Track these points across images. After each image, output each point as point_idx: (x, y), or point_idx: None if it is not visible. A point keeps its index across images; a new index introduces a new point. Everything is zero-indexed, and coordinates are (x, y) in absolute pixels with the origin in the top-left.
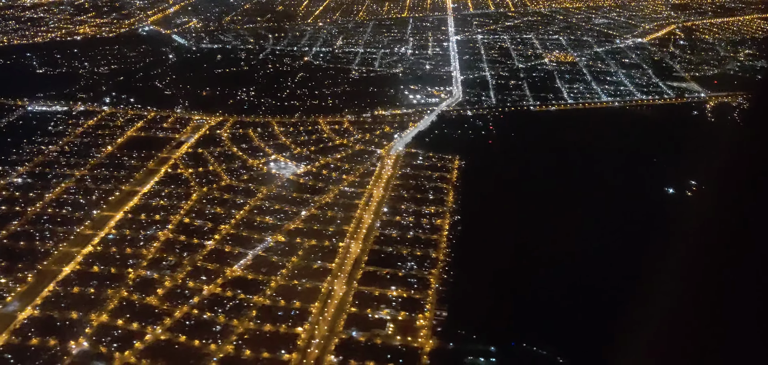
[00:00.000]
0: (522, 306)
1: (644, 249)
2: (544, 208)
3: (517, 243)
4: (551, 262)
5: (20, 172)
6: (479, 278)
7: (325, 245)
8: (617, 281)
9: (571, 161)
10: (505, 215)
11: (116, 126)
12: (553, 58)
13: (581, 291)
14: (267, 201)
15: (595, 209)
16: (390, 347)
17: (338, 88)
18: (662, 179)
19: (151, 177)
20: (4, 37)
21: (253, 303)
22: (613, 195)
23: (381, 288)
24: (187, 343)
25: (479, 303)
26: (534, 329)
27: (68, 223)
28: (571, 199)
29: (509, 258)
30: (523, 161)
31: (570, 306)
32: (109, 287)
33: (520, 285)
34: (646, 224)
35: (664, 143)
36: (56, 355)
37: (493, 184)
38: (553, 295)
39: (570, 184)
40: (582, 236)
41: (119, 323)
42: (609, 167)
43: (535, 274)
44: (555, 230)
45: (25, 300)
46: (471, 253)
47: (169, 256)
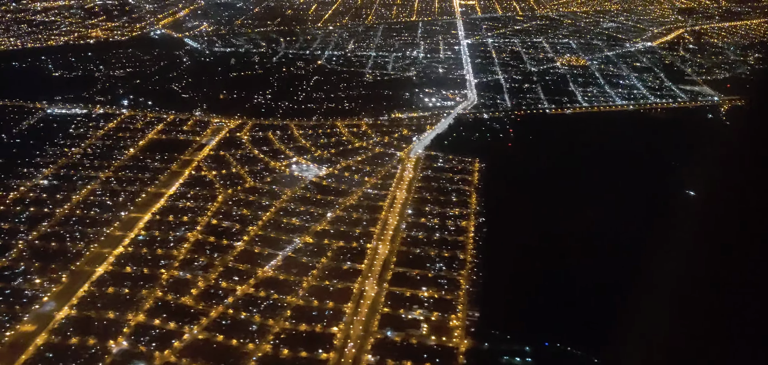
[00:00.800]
0: (552, 306)
1: (670, 251)
2: (567, 210)
3: (543, 244)
4: (578, 262)
5: (45, 174)
6: (508, 279)
7: (353, 246)
8: (644, 281)
9: (591, 163)
10: (529, 216)
11: (136, 129)
12: (564, 62)
13: (609, 290)
14: (292, 203)
15: (618, 211)
16: (425, 347)
17: (353, 92)
18: (682, 182)
19: (176, 179)
20: (18, 41)
21: (287, 303)
22: (636, 198)
23: (412, 288)
24: (225, 342)
25: (510, 304)
26: (566, 329)
27: (97, 224)
28: (594, 201)
29: (536, 259)
30: (543, 164)
31: (599, 305)
32: (143, 287)
33: (549, 285)
34: (669, 226)
35: (681, 147)
36: (96, 354)
37: (515, 186)
38: (583, 295)
39: (591, 186)
40: (607, 237)
41: (156, 322)
42: (629, 170)
43: (563, 275)
44: (580, 231)
45: (62, 300)
46: (498, 254)
47: (200, 257)
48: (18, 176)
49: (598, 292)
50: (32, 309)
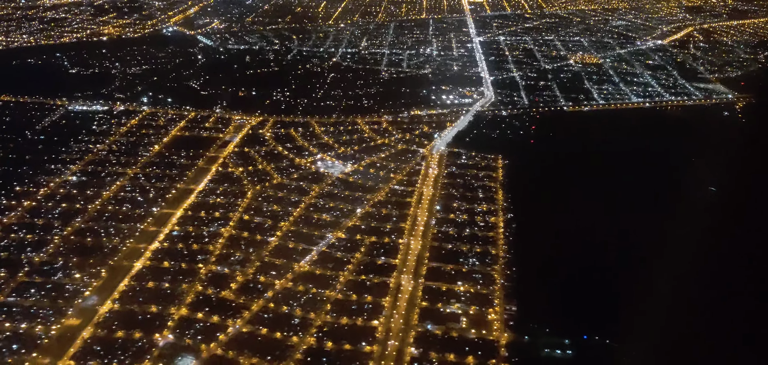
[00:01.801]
0: (586, 299)
1: (699, 249)
2: (594, 206)
3: (573, 239)
4: (608, 257)
5: (73, 170)
6: (541, 273)
7: (385, 241)
8: (676, 277)
9: (613, 160)
10: (556, 211)
11: (159, 126)
12: (577, 60)
13: (640, 284)
14: (321, 199)
15: (644, 207)
16: (466, 340)
17: (371, 89)
18: (706, 179)
19: (204, 176)
20: (31, 38)
21: (326, 297)
22: (661, 193)
23: (447, 283)
24: (269, 336)
25: (545, 298)
26: (600, 322)
27: (130, 220)
28: (619, 197)
29: (567, 253)
30: (565, 160)
31: (631, 298)
32: (183, 281)
33: (581, 279)
34: (696, 224)
35: (702, 144)
36: (143, 347)
37: (539, 182)
38: (614, 288)
39: (615, 182)
40: (636, 232)
41: (199, 316)
42: (652, 167)
43: (594, 269)
44: (607, 227)
45: (104, 294)
46: (529, 249)
47: (236, 252)
48: (46, 173)
49: (628, 285)
50: (75, 303)
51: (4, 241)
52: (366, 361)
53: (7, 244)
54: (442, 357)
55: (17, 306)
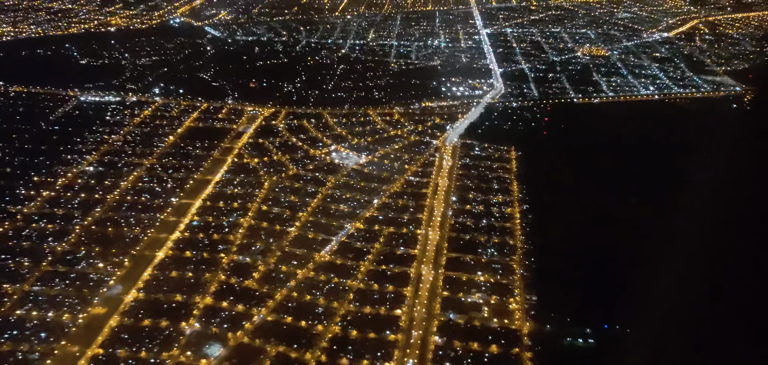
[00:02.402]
0: (605, 290)
1: (712, 238)
2: (608, 197)
3: (588, 230)
4: (624, 247)
5: (90, 161)
6: (559, 263)
7: (403, 232)
8: (692, 266)
9: (625, 151)
10: (571, 203)
11: (172, 116)
12: (585, 52)
13: (657, 274)
14: (337, 190)
15: (658, 198)
16: (489, 329)
17: (381, 81)
18: (717, 171)
19: (220, 166)
20: (39, 28)
21: (348, 286)
22: (673, 185)
23: (467, 273)
24: (294, 324)
25: (564, 288)
26: (619, 312)
27: (150, 210)
28: (632, 189)
29: (583, 244)
30: (578, 152)
31: (648, 288)
32: (206, 271)
33: (599, 270)
34: (709, 214)
35: (711, 135)
36: (171, 336)
37: (554, 173)
38: (632, 278)
39: (628, 174)
40: (650, 223)
41: (224, 305)
42: (663, 158)
43: (611, 259)
44: (622, 218)
45: (128, 283)
46: (546, 240)
47: (256, 242)
48: (63, 163)
49: (645, 275)
50: (101, 292)
51: (26, 231)
52: (391, 350)
53: (28, 233)
54: (465, 346)
55: (43, 295)
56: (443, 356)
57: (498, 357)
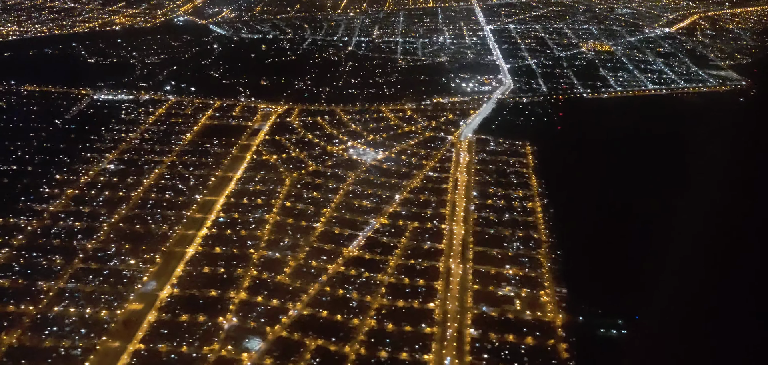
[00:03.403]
0: (632, 281)
1: (733, 227)
2: (626, 191)
3: (610, 223)
4: (647, 241)
5: (110, 159)
6: (585, 256)
7: (428, 227)
8: (711, 256)
9: (638, 145)
10: (591, 196)
11: (187, 114)
12: (590, 48)
13: (679, 265)
14: (359, 186)
15: (675, 191)
16: (523, 321)
17: (390, 77)
18: (732, 162)
19: (239, 164)
20: (43, 27)
21: (379, 280)
22: (688, 177)
23: (496, 266)
24: (330, 318)
25: (592, 280)
26: (647, 302)
27: (175, 207)
28: (648, 181)
29: (606, 236)
30: (592, 146)
31: (672, 280)
32: (237, 266)
33: (625, 262)
34: (727, 204)
35: (721, 128)
36: (210, 330)
37: (570, 168)
38: (656, 269)
39: (642, 167)
40: (668, 215)
41: (258, 299)
42: (675, 151)
43: (637, 253)
44: (642, 211)
45: (162, 279)
46: (570, 233)
47: (284, 238)
48: (83, 161)
49: (669, 266)
50: (135, 288)
51: (54, 228)
52: (428, 342)
53: (57, 231)
54: (501, 338)
55: (78, 292)
56: (480, 348)
57: (534, 349)
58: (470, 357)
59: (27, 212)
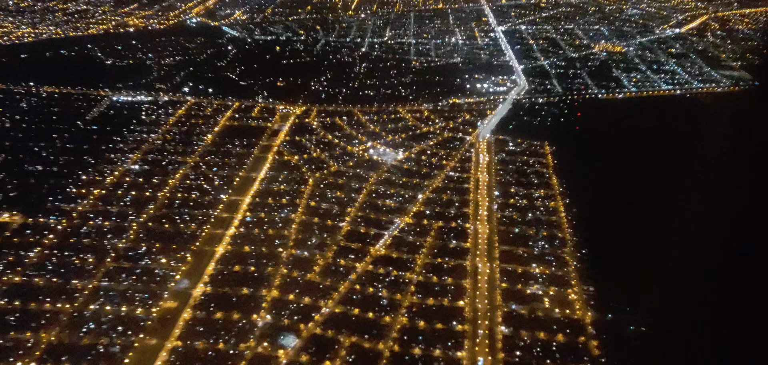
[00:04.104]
0: (657, 279)
1: (757, 225)
2: (646, 190)
3: (633, 222)
4: (672, 241)
5: (134, 159)
6: (610, 255)
7: (452, 226)
8: (734, 253)
9: (655, 145)
10: (612, 195)
11: (206, 115)
12: (602, 48)
13: (702, 263)
14: (381, 186)
15: (695, 189)
16: (552, 318)
17: (405, 78)
18: (749, 165)
19: (262, 164)
20: (58, 29)
21: (408, 279)
22: (709, 178)
23: (522, 265)
24: (362, 315)
25: (618, 278)
26: (676, 301)
27: (202, 207)
28: (669, 180)
29: (630, 234)
30: (610, 146)
31: (697, 277)
32: (267, 265)
33: (650, 260)
34: (748, 201)
35: (737, 127)
36: (245, 328)
37: (590, 167)
38: (681, 269)
39: (661, 166)
40: (693, 213)
41: (290, 297)
42: (691, 150)
43: (661, 251)
44: (664, 210)
45: (194, 278)
46: (593, 232)
47: (311, 237)
48: (107, 162)
49: (693, 264)
50: (169, 286)
51: (83, 228)
52: (460, 339)
53: (87, 231)
54: (532, 335)
55: (112, 290)
56: (513, 345)
57: (565, 346)
58: (503, 354)
59: (55, 211)
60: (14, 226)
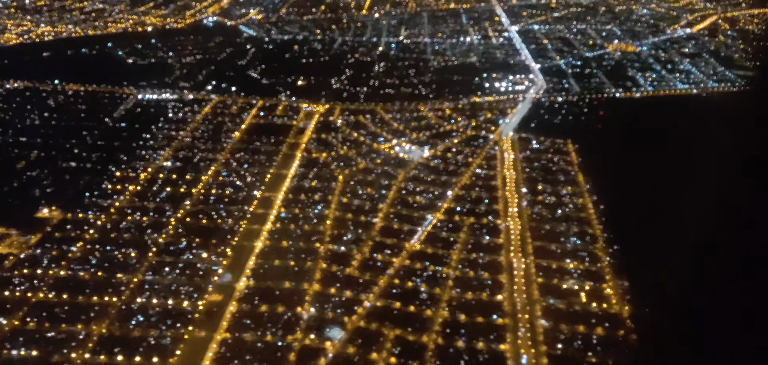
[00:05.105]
0: (691, 275)
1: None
2: (672, 187)
3: (662, 219)
4: (704, 239)
5: (165, 156)
6: (641, 251)
7: (483, 222)
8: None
9: (676, 144)
10: (639, 194)
11: (232, 113)
12: (616, 48)
13: (731, 259)
14: (410, 183)
15: (719, 187)
16: (590, 312)
17: (424, 77)
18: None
19: (291, 161)
20: (77, 27)
21: (445, 274)
22: (734, 175)
23: (556, 261)
24: (403, 309)
25: (652, 274)
26: (712, 298)
27: (236, 203)
28: (692, 178)
29: (661, 233)
30: (633, 144)
31: (737, 273)
32: (306, 259)
33: (681, 256)
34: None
35: (758, 127)
36: (290, 320)
37: (616, 166)
38: (714, 266)
39: (684, 165)
40: (720, 211)
41: (332, 291)
42: (711, 150)
43: (692, 247)
44: (692, 207)
45: (236, 272)
46: (624, 229)
47: (346, 232)
48: (139, 158)
49: (724, 260)
50: (212, 280)
51: (123, 223)
52: (502, 333)
53: (126, 226)
54: (572, 329)
55: (157, 284)
56: (554, 339)
57: (605, 339)
58: (545, 347)
59: (93, 207)
60: (54, 221)
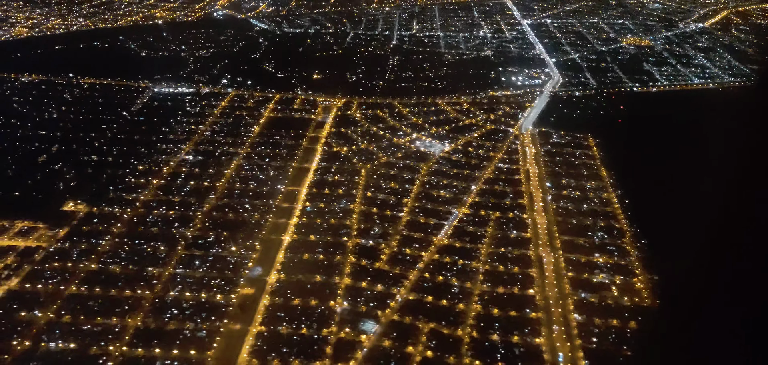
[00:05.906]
0: (721, 269)
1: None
2: (696, 181)
3: (689, 214)
4: (732, 233)
5: (186, 150)
6: (669, 245)
7: (509, 216)
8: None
9: (696, 136)
10: (663, 187)
11: (249, 107)
12: (629, 42)
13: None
14: (433, 177)
15: (741, 182)
16: (623, 306)
17: (440, 71)
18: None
19: (312, 155)
20: (88, 21)
21: (474, 267)
22: (751, 166)
23: (585, 255)
24: (436, 303)
25: (681, 267)
26: (742, 293)
27: (261, 197)
28: (714, 173)
29: (685, 225)
30: (653, 138)
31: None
32: (335, 253)
33: (710, 251)
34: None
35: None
36: (324, 313)
37: (638, 159)
38: (742, 260)
39: (704, 158)
40: (741, 206)
41: (363, 285)
42: (730, 143)
43: (717, 241)
44: (716, 203)
45: (266, 266)
46: (650, 222)
47: (373, 227)
48: (161, 152)
49: (754, 253)
50: (243, 274)
51: (149, 217)
52: (536, 326)
53: (153, 220)
54: (605, 322)
55: (189, 277)
56: (588, 332)
57: (639, 332)
58: (580, 340)
59: (118, 201)
60: (80, 215)
